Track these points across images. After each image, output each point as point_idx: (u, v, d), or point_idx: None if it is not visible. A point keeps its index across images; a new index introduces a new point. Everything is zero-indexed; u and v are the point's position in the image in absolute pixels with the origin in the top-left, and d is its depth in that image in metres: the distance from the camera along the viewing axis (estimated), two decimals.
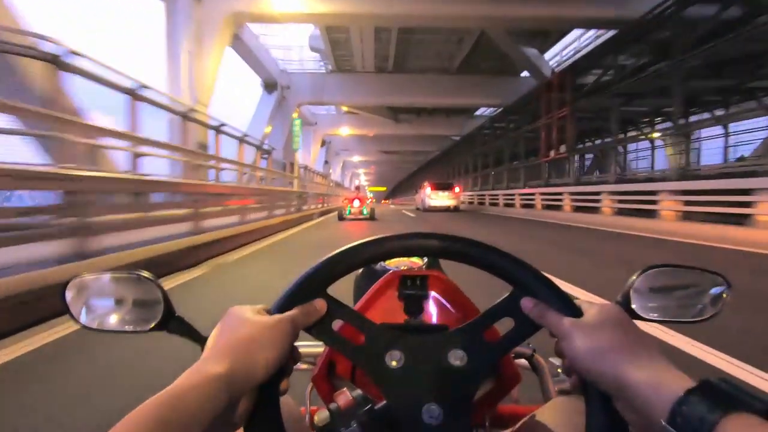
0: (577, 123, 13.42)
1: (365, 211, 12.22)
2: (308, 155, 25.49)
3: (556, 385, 0.64)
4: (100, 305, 0.47)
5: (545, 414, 0.49)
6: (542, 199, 14.30)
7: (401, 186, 63.42)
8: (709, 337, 2.19)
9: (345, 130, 29.26)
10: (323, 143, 33.35)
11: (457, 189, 18.99)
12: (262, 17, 12.46)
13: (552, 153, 14.23)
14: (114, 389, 1.75)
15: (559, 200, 13.09)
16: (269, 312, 0.41)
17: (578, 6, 12.14)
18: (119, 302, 0.47)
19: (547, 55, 18.94)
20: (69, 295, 0.46)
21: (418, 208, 20.17)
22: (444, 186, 18.97)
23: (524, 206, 15.65)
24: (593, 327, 0.37)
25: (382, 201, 60.37)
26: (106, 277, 0.48)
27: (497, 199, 18.28)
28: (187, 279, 3.95)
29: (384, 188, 78.26)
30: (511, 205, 16.74)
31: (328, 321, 0.43)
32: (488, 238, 6.75)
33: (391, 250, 0.45)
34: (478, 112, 28.80)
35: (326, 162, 35.60)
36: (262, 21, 14.48)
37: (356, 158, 46.86)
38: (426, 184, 19.58)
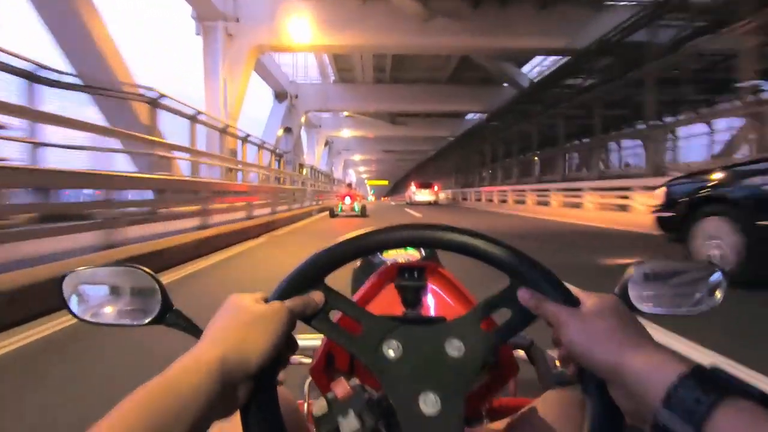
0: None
1: (356, 208, 12.60)
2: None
3: (553, 376, 0.63)
4: (98, 298, 0.48)
5: (541, 406, 0.49)
6: (498, 196, 18.54)
7: (403, 182, 59.16)
8: None
9: (346, 132, 31.64)
10: (326, 143, 33.01)
11: (436, 188, 24.82)
12: (279, 48, 14.93)
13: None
14: None
15: (506, 196, 17.36)
16: (267, 300, 0.41)
17: (538, 38, 14.10)
18: (116, 296, 0.47)
19: (526, 68, 21.05)
20: (66, 288, 0.46)
21: (407, 203, 25.32)
22: (426, 185, 24.73)
23: (488, 201, 19.97)
24: (590, 315, 0.37)
25: (382, 198, 59.42)
26: (103, 270, 0.48)
27: (468, 195, 23.62)
28: None
29: (386, 182, 72.77)
30: (480, 200, 21.24)
31: (325, 312, 0.42)
32: (439, 216, 11.91)
33: (387, 241, 0.45)
34: (468, 117, 31.23)
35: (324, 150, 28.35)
36: (279, 50, 17.04)
37: (357, 157, 49.00)
38: (412, 183, 25.84)
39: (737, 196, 3.26)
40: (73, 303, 0.47)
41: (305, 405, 0.61)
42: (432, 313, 0.60)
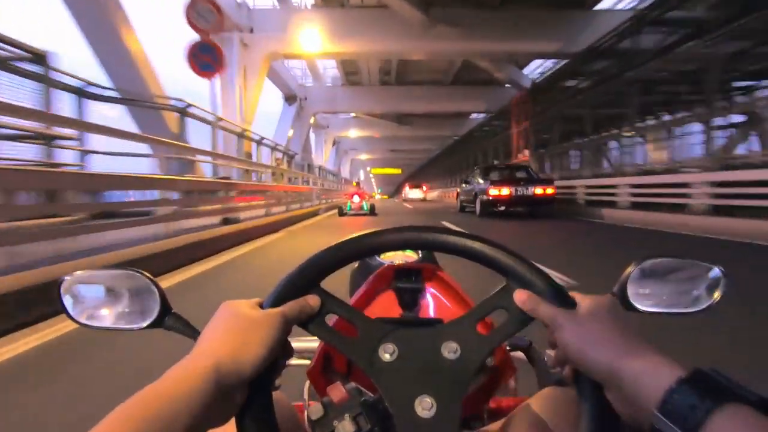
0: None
1: (365, 207, 12.72)
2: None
3: (552, 376, 0.63)
4: (96, 302, 0.47)
5: (536, 404, 0.48)
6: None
7: (410, 180, 55.10)
8: None
9: (353, 133, 33.15)
10: (334, 143, 34.86)
11: (424, 188, 32.41)
12: (291, 55, 15.99)
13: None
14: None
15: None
16: (262, 306, 0.41)
17: (532, 42, 14.60)
18: (115, 299, 0.47)
19: (527, 69, 21.65)
20: (64, 291, 0.46)
21: (404, 199, 31.55)
22: (417, 185, 33.01)
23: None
24: (586, 318, 0.37)
25: (383, 196, 50.68)
26: (102, 274, 0.48)
27: (447, 194, 28.18)
28: None
29: (399, 170, 60.84)
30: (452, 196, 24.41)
31: (321, 316, 0.42)
32: (412, 203, 21.33)
33: (383, 244, 0.45)
34: (472, 116, 31.83)
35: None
36: (291, 58, 18.24)
37: (364, 156, 49.44)
38: (406, 184, 35.94)
39: (465, 190, 12.33)
40: (71, 306, 0.46)
41: (305, 407, 0.60)
42: (429, 315, 0.60)
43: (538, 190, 10.33)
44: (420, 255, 0.81)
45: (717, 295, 0.45)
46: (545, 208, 10.62)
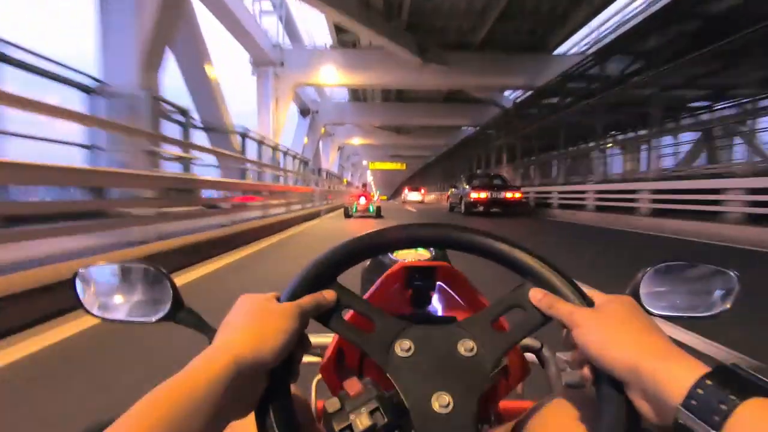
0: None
1: (371, 209, 12.59)
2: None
3: (563, 379, 0.62)
4: (109, 295, 0.48)
5: (549, 406, 0.47)
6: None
7: (408, 183, 54.15)
8: None
9: (357, 140, 34.11)
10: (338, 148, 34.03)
11: (422, 191, 36.03)
12: (312, 84, 19.66)
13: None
14: None
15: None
16: (279, 300, 0.41)
17: (505, 78, 17.95)
18: (128, 292, 0.48)
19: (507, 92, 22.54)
20: (79, 284, 0.47)
21: (403, 201, 34.21)
22: (415, 189, 36.98)
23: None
24: (606, 316, 0.37)
25: (380, 197, 44.23)
26: (116, 267, 0.48)
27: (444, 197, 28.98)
28: None
29: (402, 165, 55.25)
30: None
31: (337, 310, 0.43)
32: (417, 207, 22.41)
33: (397, 240, 0.46)
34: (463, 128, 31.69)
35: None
36: (312, 86, 21.49)
37: (365, 162, 42.98)
38: (405, 188, 39.55)
39: (454, 194, 15.67)
40: (85, 299, 0.47)
41: (313, 403, 0.60)
42: (442, 313, 0.60)
43: (509, 194, 13.12)
44: (432, 253, 0.79)
45: (730, 300, 0.44)
46: (515, 208, 13.15)
